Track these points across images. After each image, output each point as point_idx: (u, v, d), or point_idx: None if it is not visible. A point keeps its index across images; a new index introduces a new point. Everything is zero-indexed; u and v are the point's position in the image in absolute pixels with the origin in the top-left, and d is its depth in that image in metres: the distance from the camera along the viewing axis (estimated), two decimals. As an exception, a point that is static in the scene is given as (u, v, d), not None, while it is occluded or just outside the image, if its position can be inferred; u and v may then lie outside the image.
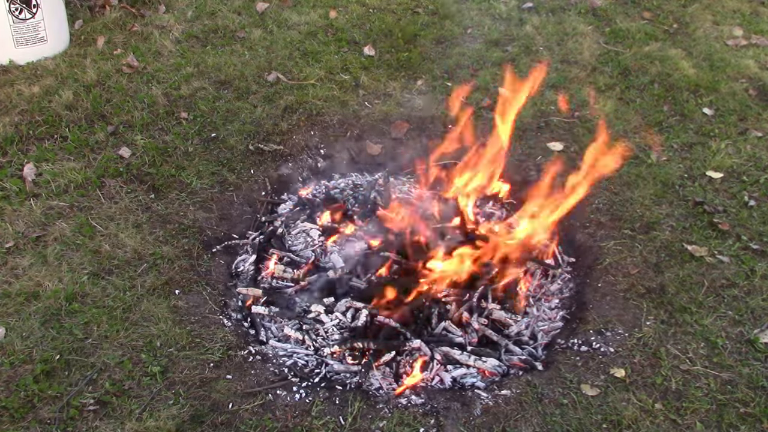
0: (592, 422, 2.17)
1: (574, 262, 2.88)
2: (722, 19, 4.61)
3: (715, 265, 2.76)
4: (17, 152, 3.21)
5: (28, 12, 3.76)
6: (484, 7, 4.69)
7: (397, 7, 4.67)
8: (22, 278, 2.59)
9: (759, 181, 3.21)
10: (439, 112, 3.65)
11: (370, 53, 4.15)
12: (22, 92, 3.59)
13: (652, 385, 2.29)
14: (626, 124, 3.59)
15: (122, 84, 3.72)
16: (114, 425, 2.12)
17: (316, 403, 2.22)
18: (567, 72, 4.02)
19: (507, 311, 2.63)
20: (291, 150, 3.39)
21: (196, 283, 2.65)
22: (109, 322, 2.44)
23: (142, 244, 2.77)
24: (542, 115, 3.65)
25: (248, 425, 2.14)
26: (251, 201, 3.13)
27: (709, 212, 3.01)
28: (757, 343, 2.43)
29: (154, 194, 3.04)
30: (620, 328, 2.50)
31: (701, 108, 3.73)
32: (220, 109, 3.58)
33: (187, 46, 4.11)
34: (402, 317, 2.52)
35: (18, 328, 2.41)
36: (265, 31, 4.32)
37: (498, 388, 2.29)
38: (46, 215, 2.88)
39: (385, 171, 3.34)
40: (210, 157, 3.27)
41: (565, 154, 3.36)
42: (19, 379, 2.24)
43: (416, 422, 2.16)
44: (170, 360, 2.33)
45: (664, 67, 4.06)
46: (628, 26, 4.48)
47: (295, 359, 2.44)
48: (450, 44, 4.28)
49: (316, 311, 2.59)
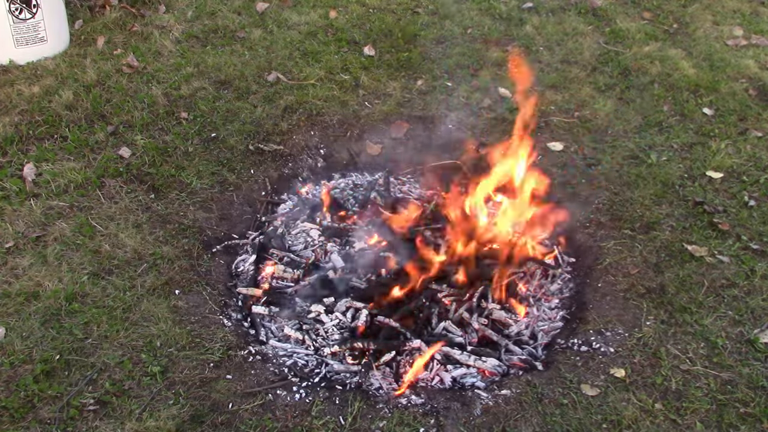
0: (592, 422, 2.17)
1: (574, 262, 2.88)
2: (722, 19, 4.61)
3: (715, 265, 2.76)
4: (17, 152, 3.21)
5: (28, 12, 3.76)
6: (484, 7, 4.70)
7: (397, 7, 4.67)
8: (22, 278, 2.59)
9: (759, 181, 3.21)
10: (439, 112, 3.65)
11: (370, 53, 4.15)
12: (22, 92, 3.59)
13: (652, 385, 2.29)
14: (626, 124, 3.60)
15: (122, 84, 3.72)
16: (114, 425, 2.12)
17: (316, 403, 2.22)
18: (567, 72, 4.02)
19: (507, 311, 2.63)
20: (291, 150, 3.39)
21: (196, 283, 2.65)
22: (109, 322, 2.44)
23: (142, 244, 2.77)
24: (542, 115, 3.65)
25: (248, 425, 2.14)
26: (251, 201, 3.13)
27: (709, 212, 3.01)
28: (757, 343, 2.43)
29: (154, 194, 3.04)
30: (620, 328, 2.50)
31: (701, 108, 3.73)
32: (220, 109, 3.58)
33: (187, 46, 4.12)
34: (402, 316, 2.52)
35: (18, 328, 2.41)
36: (265, 31, 4.32)
37: (498, 388, 2.29)
38: (46, 215, 2.88)
39: (385, 171, 3.34)
40: (210, 157, 3.27)
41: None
42: (19, 379, 2.24)
43: (416, 422, 2.16)
44: (170, 360, 2.33)
45: (664, 67, 4.06)
46: (628, 26, 4.49)
47: (295, 359, 2.44)
48: (450, 44, 4.28)
49: (316, 311, 2.59)
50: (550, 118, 3.63)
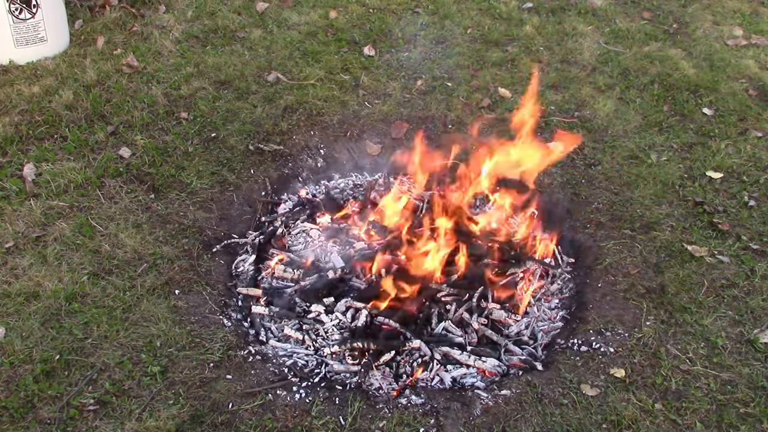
0: (592, 422, 2.17)
1: (574, 262, 2.88)
2: (722, 19, 4.61)
3: (715, 265, 2.76)
4: (17, 152, 3.21)
5: (28, 12, 3.76)
6: (484, 7, 4.70)
7: (397, 7, 4.67)
8: (22, 278, 2.59)
9: (759, 181, 3.21)
10: (439, 112, 3.65)
11: (370, 53, 4.15)
12: (22, 92, 3.59)
13: (652, 385, 2.29)
14: (626, 124, 3.60)
15: (122, 84, 3.72)
16: (114, 425, 2.12)
17: (316, 403, 2.22)
18: (567, 72, 4.02)
19: (507, 311, 2.63)
20: (291, 150, 3.39)
21: (196, 283, 2.65)
22: (109, 322, 2.44)
23: (142, 244, 2.77)
24: (542, 115, 3.65)
25: (248, 425, 2.14)
26: (251, 201, 3.13)
27: (709, 212, 3.01)
28: (757, 343, 2.43)
29: (154, 194, 3.03)
30: (620, 328, 2.50)
31: (701, 108, 3.73)
32: (220, 109, 3.58)
33: (187, 46, 4.11)
34: (402, 313, 2.52)
35: (18, 328, 2.41)
36: (265, 31, 4.32)
37: (498, 388, 2.29)
38: (46, 215, 2.88)
39: (386, 171, 3.34)
40: (210, 157, 3.27)
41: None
42: (19, 379, 2.24)
43: (416, 422, 2.16)
44: (170, 360, 2.33)
45: (664, 67, 4.06)
46: (628, 26, 4.49)
47: (295, 359, 2.44)
48: (450, 44, 4.28)
49: (316, 311, 2.59)
50: (550, 118, 3.63)
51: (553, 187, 3.18)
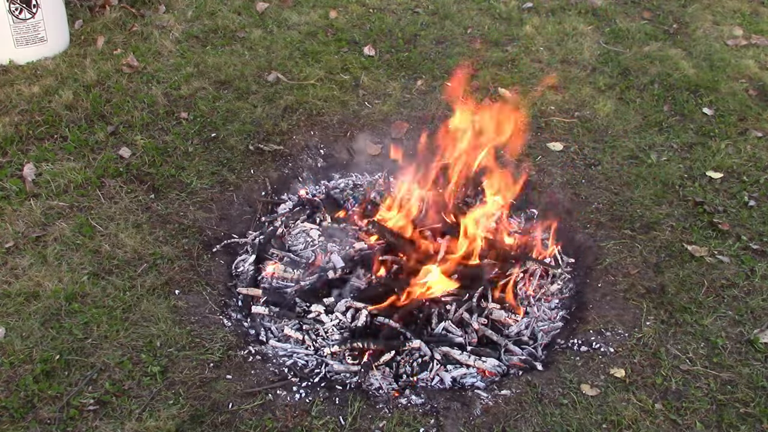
0: (592, 422, 2.17)
1: (574, 262, 2.88)
2: (722, 19, 4.61)
3: (715, 265, 2.76)
4: (17, 152, 3.21)
5: (28, 12, 3.76)
6: (484, 7, 4.70)
7: (397, 7, 4.67)
8: (22, 278, 2.59)
9: (759, 181, 3.21)
10: (439, 112, 3.65)
11: (370, 53, 4.15)
12: (22, 92, 3.59)
13: (652, 385, 2.29)
14: (626, 123, 3.60)
15: (122, 84, 3.72)
16: (114, 425, 2.12)
17: (316, 403, 2.22)
18: (567, 72, 4.02)
19: (507, 311, 2.63)
20: (291, 150, 3.39)
21: (196, 283, 2.65)
22: (109, 322, 2.44)
23: (142, 244, 2.77)
24: (542, 115, 3.65)
25: (248, 425, 2.14)
26: (251, 201, 3.13)
27: (709, 212, 3.01)
28: (757, 343, 2.43)
29: (154, 194, 3.03)
30: (620, 328, 2.50)
31: (701, 108, 3.73)
32: (220, 109, 3.58)
33: (187, 46, 4.11)
34: (402, 315, 2.52)
35: (18, 328, 2.41)
36: (265, 31, 4.32)
37: (498, 388, 2.29)
38: (46, 215, 2.88)
39: (385, 171, 3.34)
40: (210, 157, 3.27)
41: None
42: (19, 379, 2.24)
43: (416, 422, 2.16)
44: (170, 360, 2.33)
45: (664, 67, 4.06)
46: (628, 26, 4.49)
47: (295, 359, 2.44)
48: (450, 44, 4.28)
49: (316, 311, 2.59)
50: (550, 118, 3.63)
51: (553, 187, 3.19)
